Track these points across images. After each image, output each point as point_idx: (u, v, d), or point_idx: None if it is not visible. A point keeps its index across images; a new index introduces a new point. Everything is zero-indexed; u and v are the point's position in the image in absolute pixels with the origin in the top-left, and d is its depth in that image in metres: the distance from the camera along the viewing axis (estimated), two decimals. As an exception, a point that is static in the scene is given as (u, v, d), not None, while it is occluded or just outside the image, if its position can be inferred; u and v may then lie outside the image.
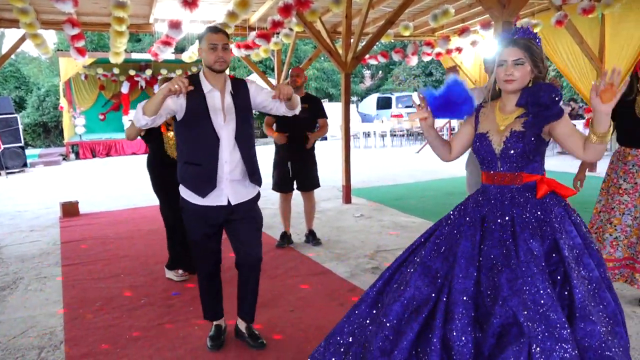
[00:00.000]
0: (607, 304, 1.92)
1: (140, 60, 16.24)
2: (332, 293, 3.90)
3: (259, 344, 3.06)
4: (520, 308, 1.82)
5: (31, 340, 3.28)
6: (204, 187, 2.82)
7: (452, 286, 1.98)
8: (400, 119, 18.24)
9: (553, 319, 1.77)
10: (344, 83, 7.15)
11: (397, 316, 2.02)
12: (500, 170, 2.12)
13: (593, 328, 1.79)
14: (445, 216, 2.28)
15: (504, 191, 2.11)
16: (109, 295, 4.02)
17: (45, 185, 10.44)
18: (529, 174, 2.08)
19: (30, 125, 20.03)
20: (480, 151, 2.18)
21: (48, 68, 24.49)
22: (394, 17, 6.86)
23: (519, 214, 2.04)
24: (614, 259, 3.43)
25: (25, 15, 5.90)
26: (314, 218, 5.34)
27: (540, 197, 2.05)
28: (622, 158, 3.41)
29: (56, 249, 5.44)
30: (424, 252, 2.18)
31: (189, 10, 5.31)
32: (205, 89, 2.79)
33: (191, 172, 2.84)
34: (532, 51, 2.05)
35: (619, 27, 8.47)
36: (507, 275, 1.90)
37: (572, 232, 2.00)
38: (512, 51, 2.05)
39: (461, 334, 1.86)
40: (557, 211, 2.04)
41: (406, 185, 8.75)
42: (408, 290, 2.06)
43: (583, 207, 6.47)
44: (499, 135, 2.11)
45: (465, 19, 9.92)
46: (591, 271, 1.94)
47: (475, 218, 2.12)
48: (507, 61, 2.06)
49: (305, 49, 23.48)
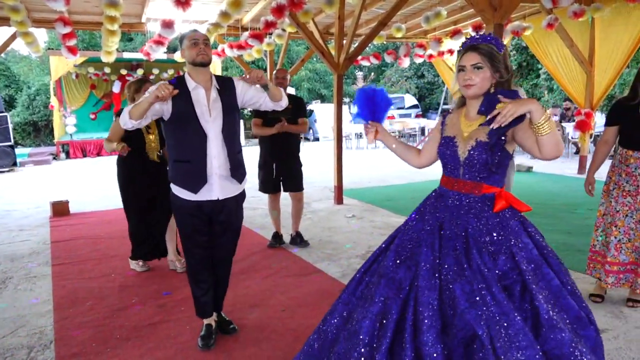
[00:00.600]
0: (570, 309, 1.93)
1: (132, 59, 16.17)
2: (323, 293, 3.91)
3: (231, 329, 3.24)
4: (478, 320, 1.82)
5: (21, 340, 3.26)
6: (196, 183, 2.87)
7: (417, 298, 1.96)
8: (392, 121, 18.29)
9: (512, 329, 1.78)
10: (336, 84, 7.17)
11: (368, 332, 1.99)
12: (463, 178, 2.12)
13: (562, 336, 1.80)
14: (405, 222, 2.26)
15: (462, 199, 2.11)
16: (99, 294, 4.00)
17: (35, 184, 10.37)
18: (489, 186, 2.08)
19: (20, 124, 19.87)
20: (445, 155, 2.18)
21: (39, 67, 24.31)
22: (387, 18, 6.89)
23: (473, 224, 2.04)
24: (619, 262, 3.42)
25: (16, 13, 5.86)
26: (300, 219, 5.30)
27: (497, 211, 2.04)
28: (625, 160, 3.43)
29: (46, 248, 5.41)
30: (386, 262, 2.15)
31: (182, 10, 5.30)
32: (190, 86, 2.83)
33: (182, 169, 2.89)
34: (491, 56, 2.04)
35: (609, 31, 8.57)
36: (462, 286, 1.90)
37: (528, 245, 2.00)
38: (471, 56, 2.06)
39: (432, 346, 1.84)
40: (513, 224, 2.03)
41: (398, 186, 8.78)
42: (375, 304, 2.03)
43: (572, 209, 6.56)
44: (465, 143, 2.11)
45: (457, 21, 9.99)
46: (551, 280, 1.95)
47: (434, 225, 2.12)
48: (466, 66, 2.06)
49: (298, 50, 23.50)
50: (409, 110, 22.47)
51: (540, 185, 8.50)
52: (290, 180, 5.06)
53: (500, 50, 2.06)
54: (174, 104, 2.78)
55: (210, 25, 7.02)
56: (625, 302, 3.53)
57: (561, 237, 5.26)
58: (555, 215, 6.29)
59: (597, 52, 8.85)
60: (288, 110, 4.86)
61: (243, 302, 3.77)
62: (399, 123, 17.76)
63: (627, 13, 8.10)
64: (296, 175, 5.07)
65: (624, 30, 8.30)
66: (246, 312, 3.60)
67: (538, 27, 8.56)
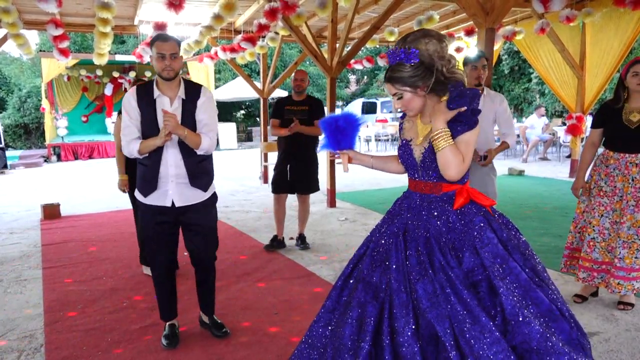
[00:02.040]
0: (540, 302, 1.91)
1: (124, 62, 16.13)
2: (316, 296, 3.90)
3: (223, 333, 3.22)
4: (439, 320, 1.82)
5: (10, 344, 3.23)
6: (146, 187, 2.96)
7: (392, 300, 1.96)
8: (384, 124, 18.33)
9: (478, 325, 1.79)
10: (329, 87, 7.18)
11: (349, 338, 1.99)
12: (422, 179, 2.13)
13: (530, 330, 1.80)
14: (377, 225, 2.26)
15: (424, 200, 2.11)
16: (90, 298, 3.98)
17: (26, 187, 10.29)
18: (448, 184, 2.06)
19: (10, 127, 19.71)
20: (404, 158, 2.19)
21: (30, 69, 24.15)
22: (379, 22, 6.91)
23: (433, 224, 2.04)
24: (591, 260, 3.49)
25: (7, 15, 5.83)
26: (305, 222, 5.29)
27: (457, 207, 2.03)
28: (605, 161, 3.50)
29: (37, 251, 5.37)
30: (362, 266, 2.15)
31: (175, 12, 5.29)
32: (155, 94, 2.92)
33: (140, 171, 3.02)
34: (403, 80, 1.97)
35: (600, 36, 8.65)
36: (424, 286, 1.90)
37: (493, 240, 1.98)
38: (388, 87, 2.05)
39: (408, 346, 1.85)
40: (476, 220, 2.02)
41: (390, 189, 8.79)
42: (354, 309, 2.04)
43: (563, 212, 6.60)
44: (420, 145, 2.10)
45: (450, 25, 10.04)
46: (518, 274, 1.93)
47: (400, 227, 2.12)
48: (393, 97, 2.07)
49: (291, 53, 23.50)
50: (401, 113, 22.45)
51: (532, 189, 8.54)
52: (302, 182, 5.05)
53: (410, 61, 1.95)
54: (140, 109, 2.91)
55: (203, 28, 7.01)
56: (617, 305, 3.55)
57: (552, 240, 5.28)
58: (547, 218, 6.32)
59: (588, 57, 8.93)
60: (305, 111, 4.88)
61: (235, 305, 3.76)
62: (392, 126, 17.79)
63: (617, 18, 8.18)
64: (309, 178, 5.05)
65: (615, 35, 8.38)
66: (238, 315, 3.59)
67: (530, 32, 8.63)
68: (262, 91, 9.99)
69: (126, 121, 2.92)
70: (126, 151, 2.93)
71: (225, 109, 22.57)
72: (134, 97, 2.92)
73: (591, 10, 7.67)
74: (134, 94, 2.93)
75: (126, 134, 2.91)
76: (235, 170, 12.13)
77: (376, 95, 25.69)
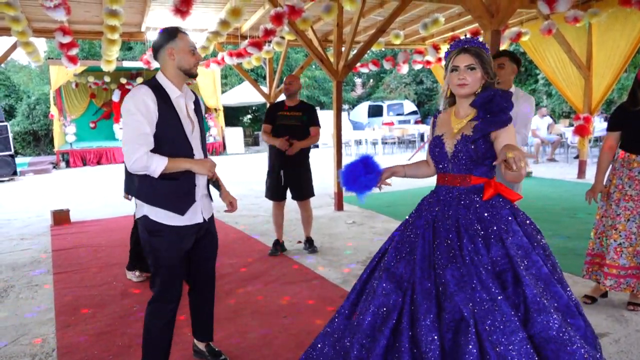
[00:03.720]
0: (559, 297, 2.00)
1: (131, 68, 16.24)
2: (324, 299, 3.91)
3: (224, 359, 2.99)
4: (465, 302, 1.91)
5: (23, 348, 3.27)
6: (183, 203, 2.54)
7: (414, 288, 2.07)
8: (391, 127, 18.34)
9: (499, 313, 1.86)
10: (335, 91, 7.21)
11: (369, 325, 2.10)
12: (452, 172, 2.22)
13: (549, 319, 1.87)
14: (404, 221, 2.37)
15: (453, 192, 2.22)
16: (101, 302, 4.01)
17: (36, 193, 10.38)
18: (477, 177, 2.19)
19: (20, 134, 19.91)
20: (434, 153, 2.29)
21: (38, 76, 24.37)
22: (385, 25, 6.93)
23: (464, 214, 2.14)
24: (618, 266, 3.40)
25: (17, 23, 5.90)
26: (311, 225, 5.30)
27: (486, 199, 2.14)
28: (627, 165, 3.43)
29: (47, 256, 5.42)
30: (387, 258, 2.26)
31: (181, 18, 5.33)
32: (173, 94, 2.52)
33: (167, 188, 2.49)
34: (482, 58, 2.18)
35: (606, 36, 8.62)
36: (451, 271, 2.00)
37: (518, 232, 2.08)
38: (464, 57, 2.18)
39: (428, 332, 1.93)
40: (503, 213, 2.12)
41: (397, 193, 8.80)
42: (377, 298, 2.14)
43: (571, 213, 6.57)
44: (452, 138, 2.22)
45: (455, 28, 10.05)
46: (540, 268, 2.03)
47: (428, 219, 2.23)
48: (460, 67, 2.18)
49: (297, 57, 23.58)
50: (408, 116, 22.52)
51: (540, 190, 8.51)
52: (297, 188, 5.04)
53: (488, 53, 2.20)
54: (159, 114, 2.43)
55: (210, 33, 7.06)
56: (626, 305, 3.53)
57: (561, 241, 5.27)
58: (555, 219, 6.30)
59: (595, 57, 8.90)
60: (298, 117, 4.88)
61: (244, 309, 3.78)
62: (398, 129, 17.80)
63: (624, 18, 8.15)
64: (303, 184, 5.03)
65: (621, 35, 8.35)
66: (248, 318, 3.61)
67: (535, 33, 8.61)
68: (268, 96, 10.04)
69: (142, 127, 2.38)
70: (139, 165, 2.36)
71: (232, 114, 22.67)
72: (152, 99, 2.40)
73: (597, 11, 7.65)
74: (150, 94, 2.41)
75: (142, 143, 2.36)
76: (242, 175, 12.17)
77: (382, 99, 25.70)
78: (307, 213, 5.20)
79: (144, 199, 2.52)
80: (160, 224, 2.50)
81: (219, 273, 4.62)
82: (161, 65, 2.55)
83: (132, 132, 2.38)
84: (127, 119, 2.40)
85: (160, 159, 2.40)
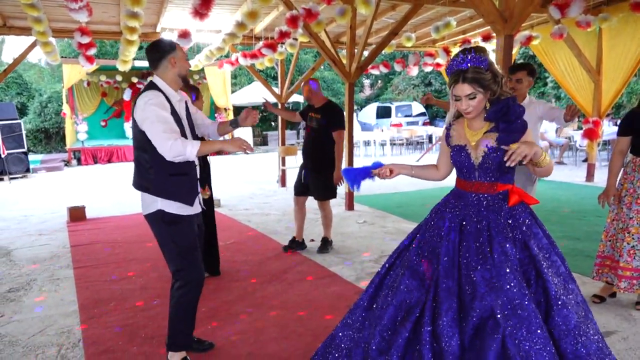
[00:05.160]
0: (576, 294, 2.17)
1: (143, 67, 16.36)
2: (340, 295, 4.02)
3: (209, 344, 3.20)
4: (496, 303, 2.03)
5: (50, 338, 3.39)
6: (192, 195, 2.89)
7: (437, 285, 2.18)
8: (399, 128, 18.41)
9: (524, 312, 1.98)
10: (347, 92, 7.31)
11: (391, 318, 2.24)
12: (479, 180, 2.33)
13: (568, 312, 2.04)
14: (424, 222, 2.49)
15: (481, 198, 2.32)
16: (121, 296, 4.13)
17: (49, 190, 10.54)
18: (503, 184, 2.31)
19: (31, 131, 20.12)
20: (458, 162, 2.39)
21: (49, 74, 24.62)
22: (397, 28, 7.03)
23: (493, 219, 2.25)
24: (632, 268, 3.47)
25: (38, 24, 6.04)
26: (328, 227, 5.36)
27: (512, 205, 2.26)
28: (638, 169, 3.53)
29: (66, 252, 5.55)
30: (409, 255, 2.39)
31: (199, 20, 5.45)
32: (174, 98, 2.86)
33: (179, 183, 2.82)
34: (480, 81, 2.20)
35: (616, 40, 8.66)
36: (482, 273, 2.11)
37: (539, 234, 2.24)
38: (462, 88, 2.23)
39: (449, 328, 2.06)
40: (524, 217, 2.27)
41: (407, 193, 8.89)
42: (399, 294, 2.27)
43: (580, 216, 6.64)
44: (475, 150, 2.32)
45: (466, 31, 10.12)
46: (559, 267, 2.19)
47: (455, 222, 2.32)
48: (461, 97, 2.25)
49: (306, 58, 23.71)
50: (416, 117, 22.59)
51: (549, 193, 8.58)
52: (314, 189, 5.16)
53: (485, 66, 2.20)
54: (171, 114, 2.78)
55: (226, 35, 7.18)
56: (635, 305, 3.62)
57: (570, 242, 5.35)
58: (564, 222, 6.38)
59: (605, 61, 8.94)
60: (317, 119, 4.98)
61: (262, 304, 3.89)
62: (406, 131, 17.86)
63: (634, 22, 8.19)
64: (319, 186, 5.10)
65: (632, 40, 8.40)
66: (265, 313, 3.72)
67: (546, 36, 8.67)
68: (280, 96, 10.15)
69: (169, 120, 2.71)
70: (175, 152, 2.64)
71: (241, 114, 22.76)
72: (166, 100, 2.78)
73: (607, 16, 7.70)
74: (165, 98, 2.77)
75: (172, 131, 2.68)
76: (252, 174, 12.29)
77: (390, 100, 25.77)
78: (324, 213, 5.29)
79: (162, 194, 2.80)
80: (177, 215, 2.82)
81: (234, 269, 4.76)
82: (161, 72, 2.85)
83: (161, 125, 2.67)
84: (152, 116, 2.68)
85: (193, 143, 2.69)
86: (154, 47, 2.87)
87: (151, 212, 2.84)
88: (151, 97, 2.72)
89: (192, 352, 3.11)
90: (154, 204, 2.82)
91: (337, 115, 5.01)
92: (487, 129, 2.31)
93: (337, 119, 4.99)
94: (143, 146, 2.78)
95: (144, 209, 2.89)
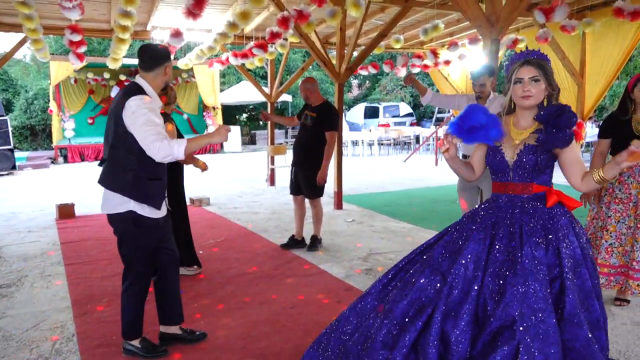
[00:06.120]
0: (593, 311, 2.11)
1: (131, 65, 16.30)
2: (329, 292, 4.11)
3: (201, 334, 3.29)
4: (520, 312, 1.98)
5: (44, 333, 3.43)
6: (160, 199, 2.97)
7: (457, 286, 2.12)
8: (387, 129, 18.56)
9: (546, 324, 1.95)
10: (337, 93, 7.40)
11: (402, 313, 2.18)
12: (513, 181, 2.29)
13: (579, 332, 1.98)
14: (455, 223, 2.44)
15: (515, 200, 2.27)
16: (114, 292, 4.18)
17: (36, 187, 10.50)
18: (539, 185, 2.26)
19: (17, 128, 19.91)
20: (493, 163, 2.35)
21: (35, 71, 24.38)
22: (387, 30, 7.13)
23: (527, 221, 2.19)
24: (609, 265, 3.62)
25: (30, 21, 6.05)
26: (318, 224, 5.44)
27: (550, 206, 2.21)
28: None
29: (56, 248, 5.57)
30: (432, 253, 2.32)
31: (192, 20, 5.50)
32: (158, 103, 2.94)
33: (155, 187, 2.91)
34: (545, 70, 2.24)
35: (599, 44, 8.85)
36: (511, 280, 2.06)
37: (573, 243, 2.16)
38: (528, 70, 2.24)
39: (460, 332, 2.03)
40: (562, 221, 2.20)
41: (395, 193, 9.00)
42: (414, 290, 2.21)
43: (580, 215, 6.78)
44: (513, 148, 2.28)
45: (453, 33, 10.26)
46: (585, 281, 2.12)
47: (486, 224, 2.27)
48: (524, 79, 2.24)
49: (295, 58, 23.73)
50: (403, 118, 22.78)
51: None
52: (304, 188, 5.23)
53: (549, 65, 2.26)
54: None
55: (218, 35, 7.23)
56: (613, 301, 3.76)
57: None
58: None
59: (588, 65, 9.13)
60: (312, 117, 5.07)
61: (252, 301, 3.96)
62: (394, 131, 18.03)
63: (617, 27, 8.37)
64: (308, 184, 5.16)
65: (614, 44, 8.59)
66: (256, 308, 3.80)
67: (531, 40, 8.83)
68: (270, 95, 10.21)
69: (157, 122, 2.75)
70: (164, 153, 2.69)
71: (230, 113, 22.79)
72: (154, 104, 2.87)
73: (591, 20, 7.87)
74: (154, 102, 2.87)
75: (159, 134, 2.71)
76: (241, 173, 12.34)
77: (378, 100, 25.92)
78: (315, 211, 5.38)
79: (136, 197, 2.84)
80: (147, 217, 2.89)
81: (225, 266, 4.82)
82: (152, 77, 2.91)
83: (149, 128, 2.71)
84: (144, 120, 2.71)
85: (179, 142, 2.73)
86: (153, 52, 2.91)
87: (121, 212, 2.87)
88: (145, 102, 2.76)
89: (185, 344, 3.19)
90: (125, 205, 2.85)
91: (333, 117, 5.14)
92: (533, 129, 2.27)
93: (332, 119, 5.11)
94: (129, 148, 2.80)
95: (111, 208, 2.91)
